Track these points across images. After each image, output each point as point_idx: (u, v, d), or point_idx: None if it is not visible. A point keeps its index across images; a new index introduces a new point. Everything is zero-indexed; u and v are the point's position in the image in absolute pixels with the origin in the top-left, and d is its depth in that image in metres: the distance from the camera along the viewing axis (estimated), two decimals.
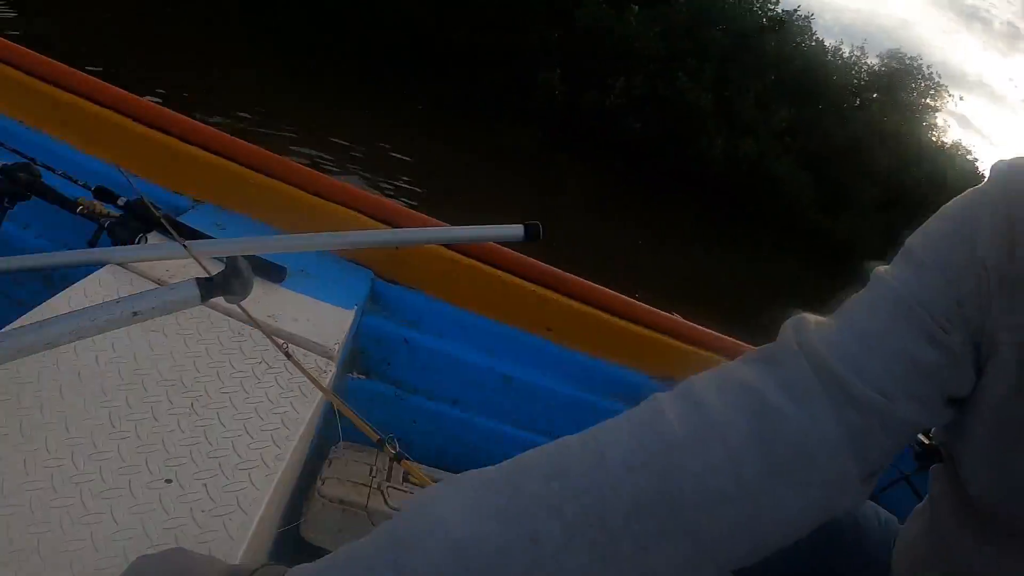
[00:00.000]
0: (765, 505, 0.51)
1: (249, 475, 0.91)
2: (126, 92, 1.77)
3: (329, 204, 1.68)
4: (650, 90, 16.86)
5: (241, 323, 1.19)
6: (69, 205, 1.49)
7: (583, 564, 0.49)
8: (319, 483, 1.36)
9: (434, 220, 1.77)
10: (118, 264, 1.27)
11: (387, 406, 1.62)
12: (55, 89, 1.72)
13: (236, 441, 0.96)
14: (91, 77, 1.77)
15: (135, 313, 0.96)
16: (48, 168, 1.57)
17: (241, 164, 1.70)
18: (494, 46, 16.36)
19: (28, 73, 1.73)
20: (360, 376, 1.64)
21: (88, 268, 1.27)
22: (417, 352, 1.66)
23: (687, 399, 0.54)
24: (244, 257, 1.08)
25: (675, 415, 0.53)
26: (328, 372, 1.22)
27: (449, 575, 0.48)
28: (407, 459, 0.98)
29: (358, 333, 1.60)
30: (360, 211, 1.68)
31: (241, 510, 0.85)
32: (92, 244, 1.48)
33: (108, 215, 1.49)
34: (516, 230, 1.53)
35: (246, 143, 1.76)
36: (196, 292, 0.98)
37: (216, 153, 1.70)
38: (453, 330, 1.70)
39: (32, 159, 1.56)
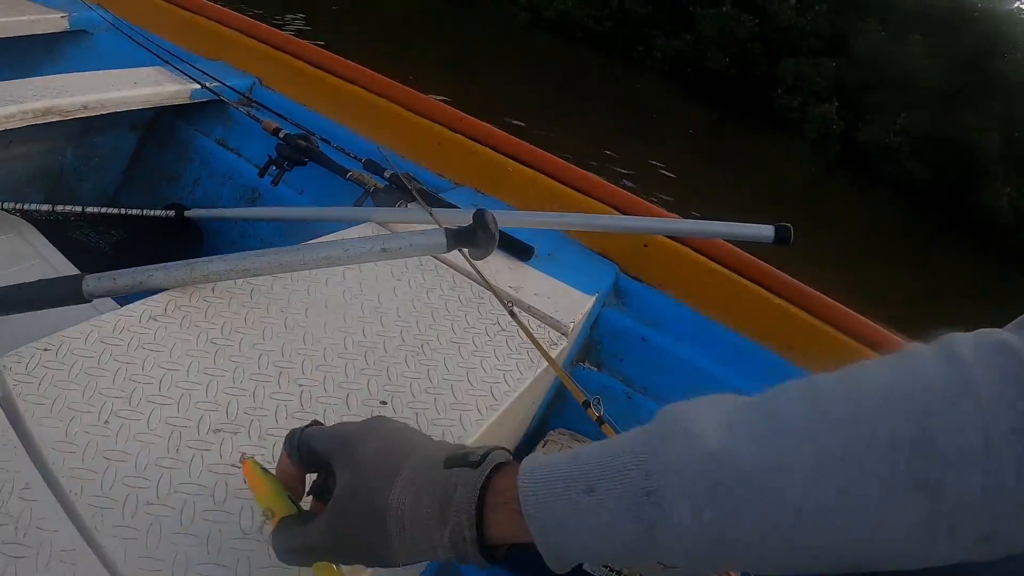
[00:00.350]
0: (1011, 473, 0.43)
1: (460, 416, 0.91)
2: (399, 83, 1.91)
3: (583, 197, 1.67)
4: (933, 128, 15.31)
5: (482, 288, 1.21)
6: (340, 171, 1.63)
7: (827, 501, 0.45)
8: None
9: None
10: (377, 224, 1.36)
11: (613, 402, 1.58)
12: (336, 79, 1.90)
13: (456, 384, 0.96)
14: (367, 69, 1.93)
15: (384, 249, 1.00)
16: (325, 141, 1.74)
17: (500, 153, 1.76)
18: (765, 74, 15.88)
19: (312, 64, 1.93)
20: (591, 367, 1.61)
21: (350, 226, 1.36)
22: (653, 352, 1.60)
23: (944, 351, 0.49)
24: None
25: (932, 364, 0.48)
26: (559, 346, 1.20)
27: (696, 483, 0.46)
28: (609, 423, 0.93)
29: (596, 323, 1.58)
30: (614, 206, 1.66)
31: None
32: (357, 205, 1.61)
33: (374, 184, 1.61)
34: (766, 231, 1.43)
35: (506, 134, 1.81)
36: (443, 240, 1.01)
37: (478, 142, 1.78)
38: (691, 334, 1.62)
39: (312, 133, 1.74)
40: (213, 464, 0.73)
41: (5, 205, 1.38)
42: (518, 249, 1.44)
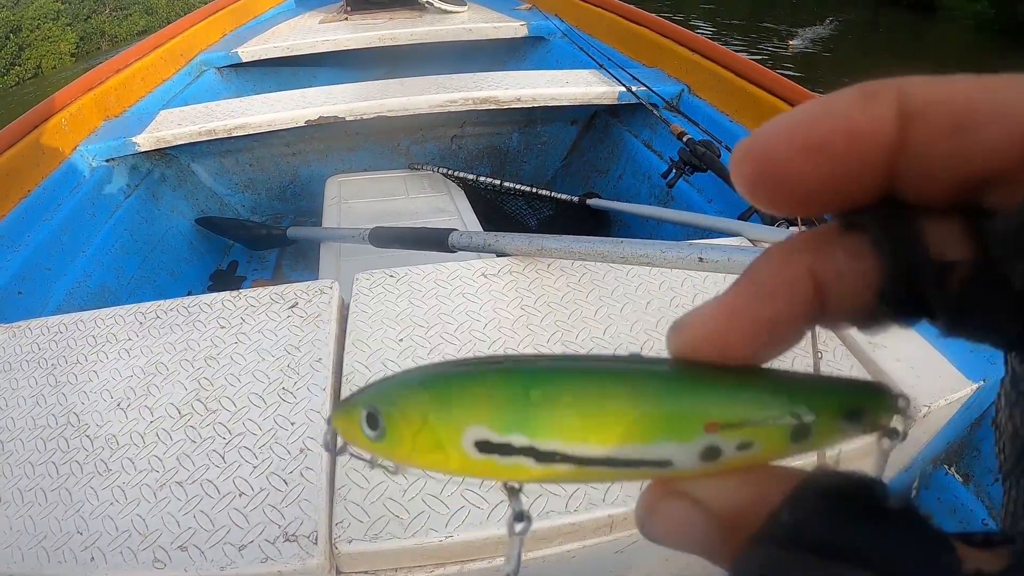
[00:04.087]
0: None
1: None
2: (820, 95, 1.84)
3: None
4: None
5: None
6: (730, 181, 1.65)
7: None
8: None
9: None
10: (749, 241, 1.31)
11: (969, 526, 1.17)
12: (757, 89, 1.91)
13: None
14: (787, 80, 1.90)
15: (700, 259, 1.02)
16: (729, 150, 1.77)
17: None
18: None
19: (736, 73, 1.97)
20: (956, 476, 1.21)
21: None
22: None
23: None
24: None
25: None
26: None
27: None
28: None
29: (980, 422, 1.19)
30: None
31: None
32: (741, 219, 1.62)
33: None
34: None
35: None
36: None
37: None
38: None
39: (719, 141, 1.78)
40: None
41: (440, 170, 1.71)
42: None
